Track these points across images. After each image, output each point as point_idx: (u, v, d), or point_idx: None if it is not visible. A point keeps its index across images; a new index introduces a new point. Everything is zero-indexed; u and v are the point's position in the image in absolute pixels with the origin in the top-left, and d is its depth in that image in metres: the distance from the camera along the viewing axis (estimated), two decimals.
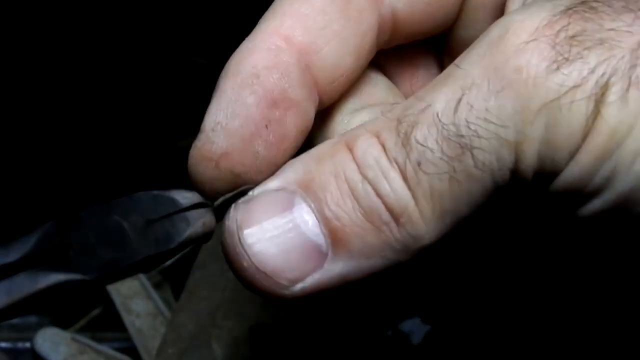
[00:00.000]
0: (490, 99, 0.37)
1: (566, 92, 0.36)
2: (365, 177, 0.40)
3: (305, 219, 0.40)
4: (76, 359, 0.90)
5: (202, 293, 0.90)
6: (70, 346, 0.91)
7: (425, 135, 0.38)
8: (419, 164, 0.38)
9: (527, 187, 0.39)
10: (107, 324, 0.96)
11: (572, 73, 0.36)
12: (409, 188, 0.39)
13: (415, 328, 0.93)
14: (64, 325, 0.94)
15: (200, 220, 0.44)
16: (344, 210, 0.40)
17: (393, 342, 0.93)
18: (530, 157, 0.38)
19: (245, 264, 0.41)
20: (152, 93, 1.23)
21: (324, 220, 0.40)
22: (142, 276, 0.91)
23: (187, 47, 1.25)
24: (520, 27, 0.38)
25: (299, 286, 0.41)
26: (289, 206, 0.41)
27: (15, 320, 0.95)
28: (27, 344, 0.94)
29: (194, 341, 0.86)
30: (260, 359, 0.85)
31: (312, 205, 0.40)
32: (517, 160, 0.38)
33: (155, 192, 0.46)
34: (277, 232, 0.40)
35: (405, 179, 0.39)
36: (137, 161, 1.27)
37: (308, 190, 0.40)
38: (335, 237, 0.40)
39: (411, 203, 0.39)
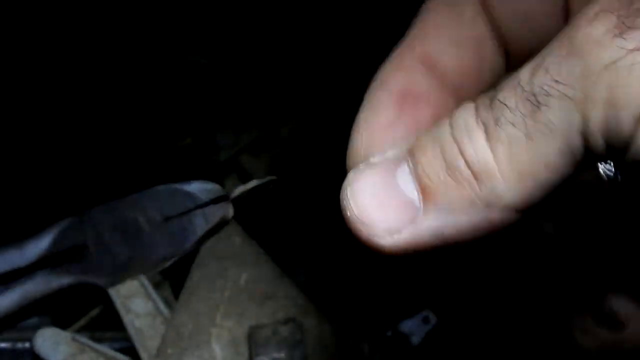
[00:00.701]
0: (562, 63, 0.41)
1: (626, 55, 0.40)
2: (454, 137, 0.45)
3: (404, 178, 0.46)
4: (76, 358, 0.89)
5: (201, 293, 0.90)
6: (70, 346, 0.90)
7: (506, 95, 0.43)
8: (498, 121, 0.43)
9: (602, 159, 0.43)
10: (107, 324, 0.95)
11: (633, 39, 0.40)
12: (490, 147, 0.43)
13: (415, 328, 0.93)
14: (63, 325, 0.94)
15: (218, 215, 0.45)
16: (434, 169, 0.45)
17: (393, 342, 0.93)
18: (595, 118, 0.41)
19: (349, 214, 0.47)
20: (152, 92, 1.23)
21: (417, 178, 0.46)
22: (141, 275, 0.91)
23: (189, 47, 1.25)
24: (593, 2, 0.42)
25: (395, 237, 0.46)
26: (394, 167, 0.47)
27: None
28: (27, 344, 0.93)
29: (194, 341, 0.87)
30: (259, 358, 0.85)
31: (411, 166, 0.46)
32: (584, 122, 0.41)
33: (175, 185, 0.46)
34: (378, 189, 0.47)
35: (487, 138, 0.43)
36: (136, 160, 1.27)
37: (411, 154, 0.47)
38: (425, 193, 0.45)
39: (491, 160, 0.43)
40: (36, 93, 1.19)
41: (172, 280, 0.98)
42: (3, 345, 0.94)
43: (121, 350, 0.91)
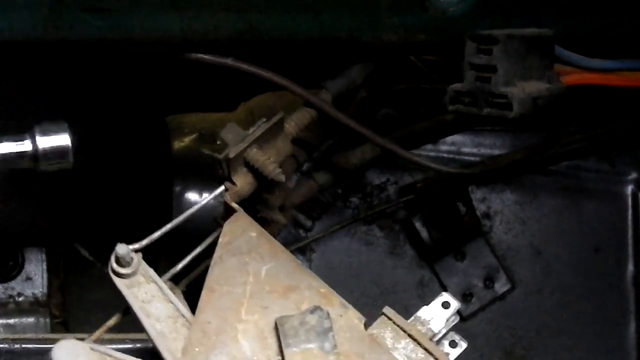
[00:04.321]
0: None
1: None
2: None
3: None
4: None
5: (223, 289, 0.88)
6: (90, 356, 0.85)
7: None
8: None
9: None
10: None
11: None
12: None
13: None
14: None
15: None
16: None
17: None
18: None
19: None
20: (149, 92, 1.20)
21: None
22: (158, 279, 0.89)
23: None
24: None
25: None
26: None
27: None
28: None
29: (220, 338, 0.85)
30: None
31: None
32: None
33: None
34: None
35: None
36: (131, 162, 1.22)
37: None
38: None
39: None
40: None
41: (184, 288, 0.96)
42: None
43: (140, 354, 0.87)
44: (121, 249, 0.87)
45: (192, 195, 1.28)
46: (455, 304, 0.90)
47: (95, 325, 0.91)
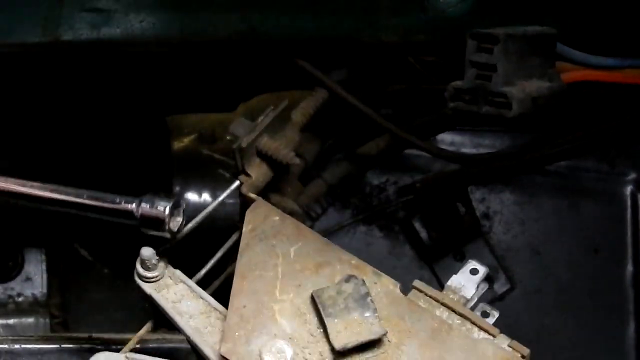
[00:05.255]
0: None
1: None
2: None
3: None
4: None
5: (254, 274, 0.88)
6: None
7: None
8: None
9: None
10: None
11: None
12: None
13: None
14: None
15: None
16: None
17: None
18: None
19: None
20: (149, 92, 1.20)
21: None
22: (186, 278, 0.89)
23: None
24: None
25: None
26: None
27: None
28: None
29: (259, 320, 0.85)
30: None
31: None
32: None
33: None
34: None
35: None
36: (130, 162, 1.22)
37: None
38: None
39: None
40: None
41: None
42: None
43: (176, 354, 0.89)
44: (146, 251, 0.86)
45: (191, 195, 1.28)
46: (483, 269, 0.90)
47: (94, 325, 0.91)
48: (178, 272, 0.88)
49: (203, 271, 0.92)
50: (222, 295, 0.90)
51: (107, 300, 1.46)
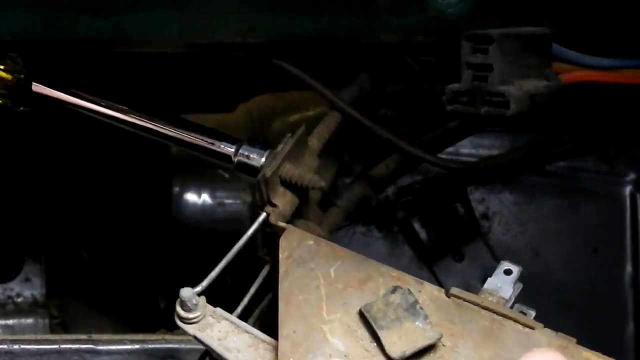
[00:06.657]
0: None
1: None
2: None
3: None
4: None
5: (298, 298, 0.88)
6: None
7: None
8: None
9: None
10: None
11: None
12: None
13: None
14: None
15: None
16: None
17: None
18: None
19: None
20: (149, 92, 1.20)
21: None
22: (228, 315, 0.88)
23: None
24: None
25: None
26: None
27: None
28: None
29: (310, 343, 0.85)
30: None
31: None
32: None
33: None
34: None
35: None
36: (130, 162, 1.22)
37: None
38: None
39: None
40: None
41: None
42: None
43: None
44: (186, 292, 0.85)
45: (190, 196, 1.28)
46: (517, 269, 0.90)
47: (94, 326, 0.91)
48: (218, 309, 0.88)
49: (240, 308, 0.92)
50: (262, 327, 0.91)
51: (107, 301, 1.46)
